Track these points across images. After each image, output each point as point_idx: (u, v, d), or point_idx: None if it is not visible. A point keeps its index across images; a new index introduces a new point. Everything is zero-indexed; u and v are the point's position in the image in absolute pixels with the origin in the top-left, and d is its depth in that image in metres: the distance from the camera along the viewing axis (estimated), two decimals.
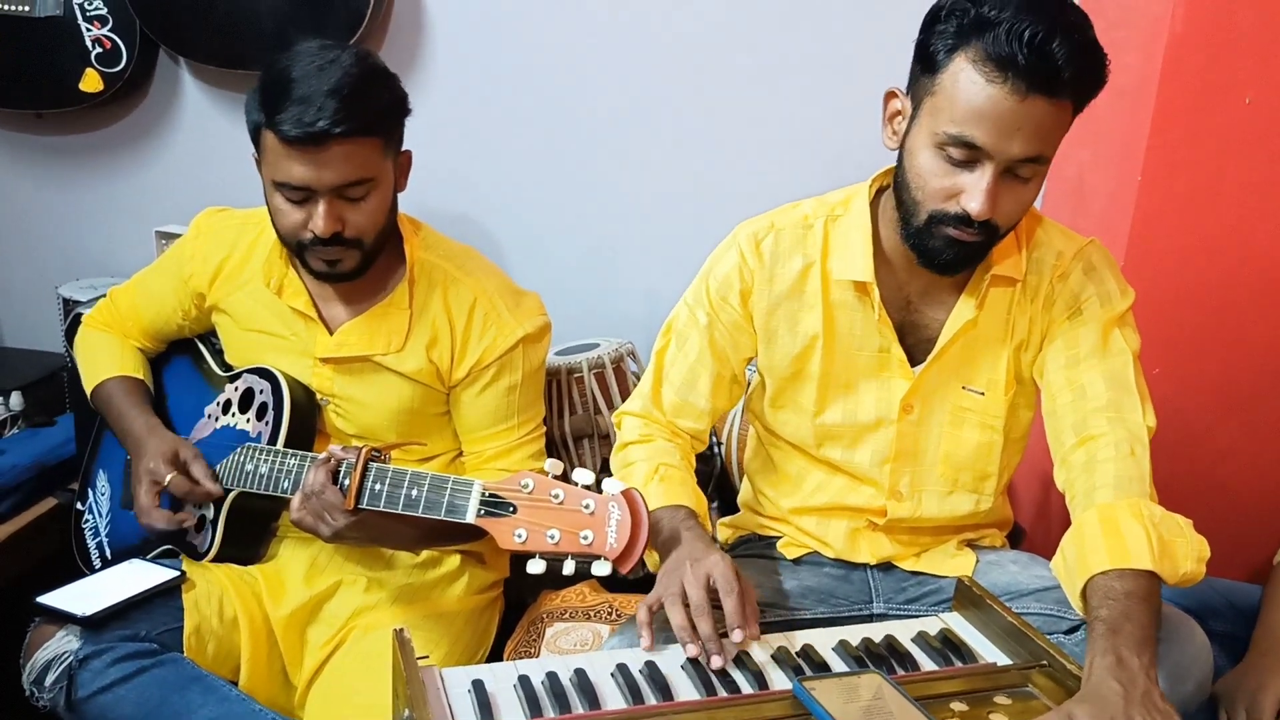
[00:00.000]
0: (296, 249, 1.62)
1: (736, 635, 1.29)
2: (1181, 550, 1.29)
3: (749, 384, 1.74)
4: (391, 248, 1.71)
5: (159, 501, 1.69)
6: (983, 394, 1.52)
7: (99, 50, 2.37)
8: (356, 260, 1.62)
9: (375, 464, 1.47)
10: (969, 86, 1.27)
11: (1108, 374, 1.44)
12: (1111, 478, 1.36)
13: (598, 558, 1.24)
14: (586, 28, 2.36)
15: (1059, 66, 1.24)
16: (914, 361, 1.52)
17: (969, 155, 1.30)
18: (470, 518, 1.33)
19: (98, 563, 1.87)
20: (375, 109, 1.55)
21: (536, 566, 1.27)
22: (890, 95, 1.41)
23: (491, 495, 1.31)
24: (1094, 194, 2.05)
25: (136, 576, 1.65)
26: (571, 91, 2.40)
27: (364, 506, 1.47)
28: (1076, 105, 1.31)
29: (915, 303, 1.51)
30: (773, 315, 1.54)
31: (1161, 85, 1.82)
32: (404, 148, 1.66)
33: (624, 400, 2.12)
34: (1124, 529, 1.29)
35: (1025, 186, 1.34)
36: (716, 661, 1.25)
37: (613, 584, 2.00)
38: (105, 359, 1.86)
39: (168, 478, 1.67)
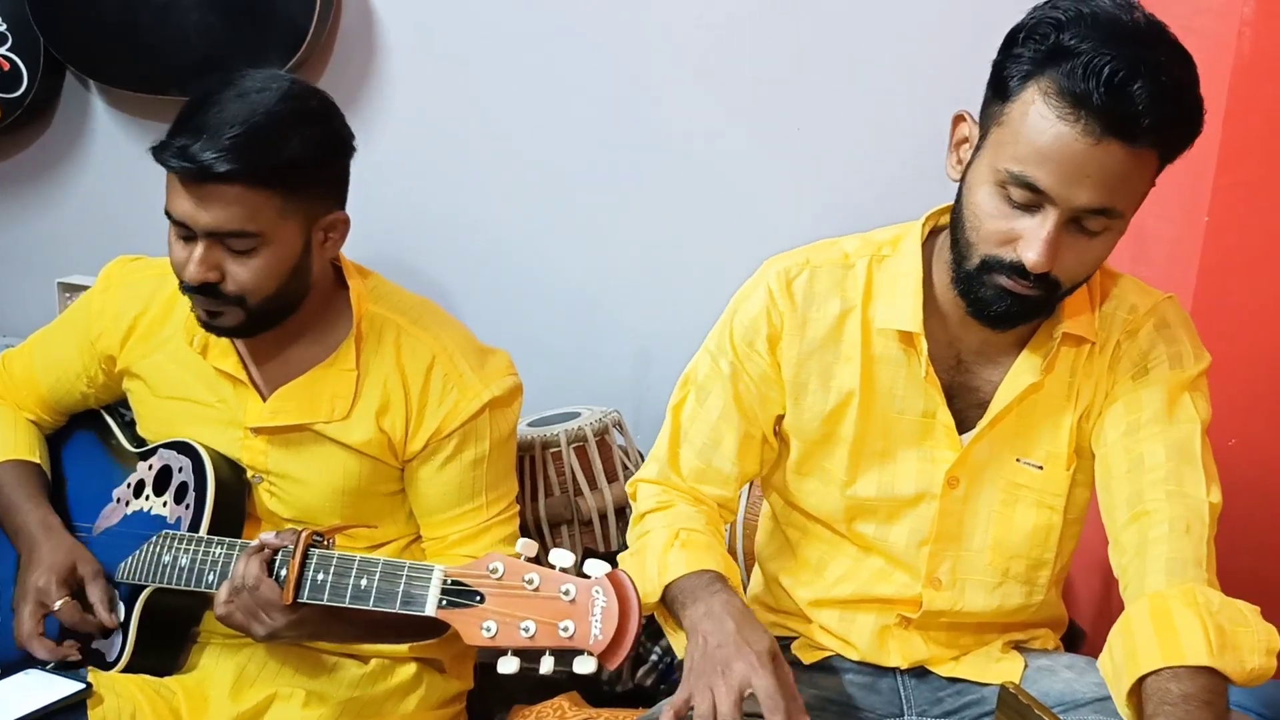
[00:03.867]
0: (182, 289, 1.66)
1: None
2: (1247, 642, 1.31)
3: None
4: (336, 300, 1.75)
5: (43, 628, 1.70)
6: (1041, 468, 1.55)
7: None
8: (240, 319, 1.65)
9: (317, 550, 1.50)
10: (1038, 122, 1.31)
11: (1170, 443, 1.46)
12: (1164, 561, 1.39)
13: (580, 652, 1.26)
14: (566, 51, 2.41)
15: (1139, 111, 1.27)
16: (962, 428, 1.55)
17: (1031, 199, 1.34)
18: (430, 610, 1.35)
19: None
20: (277, 158, 1.58)
21: (509, 665, 1.28)
22: (959, 119, 1.45)
23: (455, 583, 1.33)
24: (1156, 239, 2.08)
25: (34, 690, 1.63)
26: (548, 124, 2.44)
27: (305, 600, 1.49)
28: (1163, 156, 1.35)
29: (967, 361, 1.55)
30: (803, 367, 1.57)
31: (1228, 118, 1.86)
32: (340, 211, 1.70)
33: (608, 479, 2.17)
34: (1177, 620, 1.31)
35: (1093, 241, 1.37)
36: None
37: (596, 696, 2.01)
38: None
39: (57, 604, 1.68)
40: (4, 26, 2.42)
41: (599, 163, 2.46)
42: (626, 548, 2.16)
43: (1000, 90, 1.36)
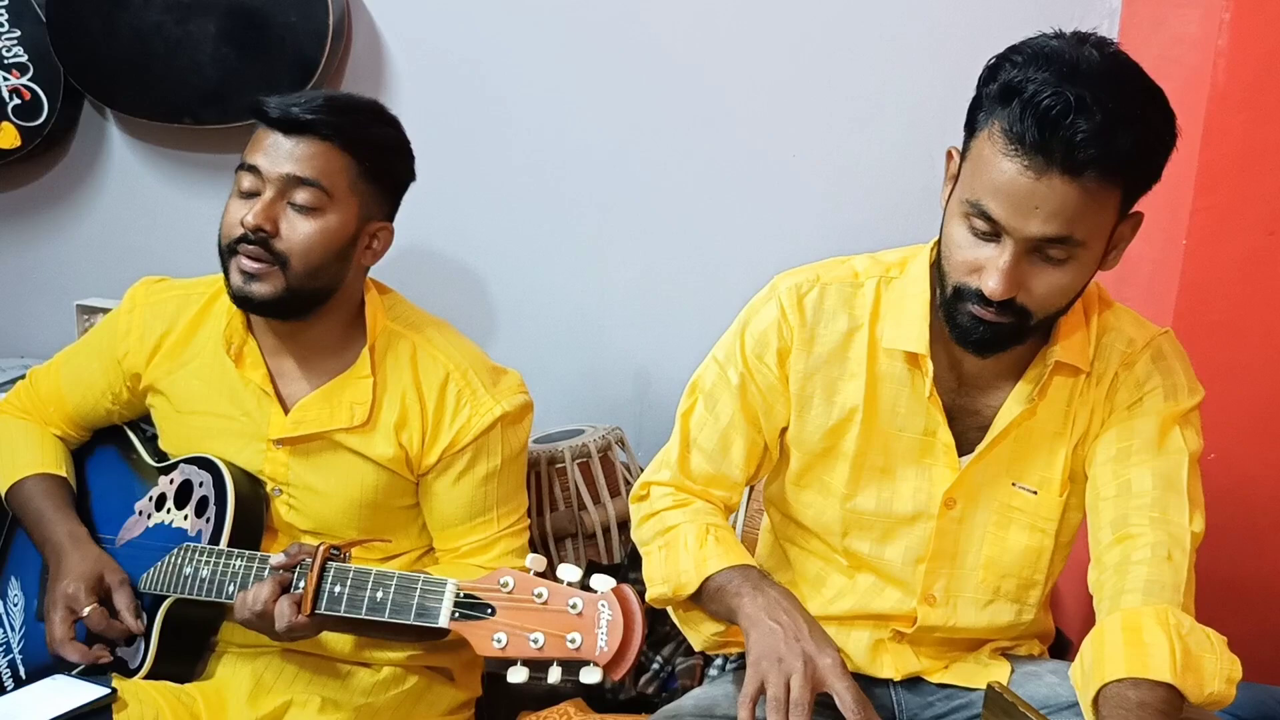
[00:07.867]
0: (227, 254, 1.70)
1: None
2: (1209, 667, 1.33)
3: None
4: (358, 320, 1.79)
5: (74, 633, 1.72)
6: (1035, 493, 1.57)
7: (17, 102, 2.45)
8: (279, 285, 1.68)
9: (334, 563, 1.53)
10: (991, 157, 1.33)
11: (1158, 472, 1.49)
12: (1142, 581, 1.41)
13: (587, 663, 1.29)
14: (568, 80, 2.42)
15: (1076, 145, 1.28)
16: (961, 450, 1.57)
17: (990, 228, 1.36)
18: (444, 621, 1.38)
19: (10, 683, 1.86)
20: (362, 129, 1.71)
21: (518, 675, 1.31)
22: (949, 155, 1.47)
23: (467, 596, 1.36)
24: (1137, 261, 2.10)
25: (61, 695, 1.65)
26: (552, 150, 2.45)
27: (322, 611, 1.52)
28: (1127, 187, 1.35)
29: (967, 384, 1.57)
30: (809, 381, 1.59)
31: (1204, 144, 1.89)
32: (389, 224, 1.79)
33: (612, 494, 2.18)
34: (1146, 636, 1.34)
35: (1059, 269, 1.38)
36: None
37: (600, 704, 2.03)
38: (24, 454, 1.90)
39: (86, 610, 1.71)
40: (26, 57, 2.43)
41: (600, 190, 2.47)
42: (630, 560, 2.21)
43: (969, 126, 1.40)
